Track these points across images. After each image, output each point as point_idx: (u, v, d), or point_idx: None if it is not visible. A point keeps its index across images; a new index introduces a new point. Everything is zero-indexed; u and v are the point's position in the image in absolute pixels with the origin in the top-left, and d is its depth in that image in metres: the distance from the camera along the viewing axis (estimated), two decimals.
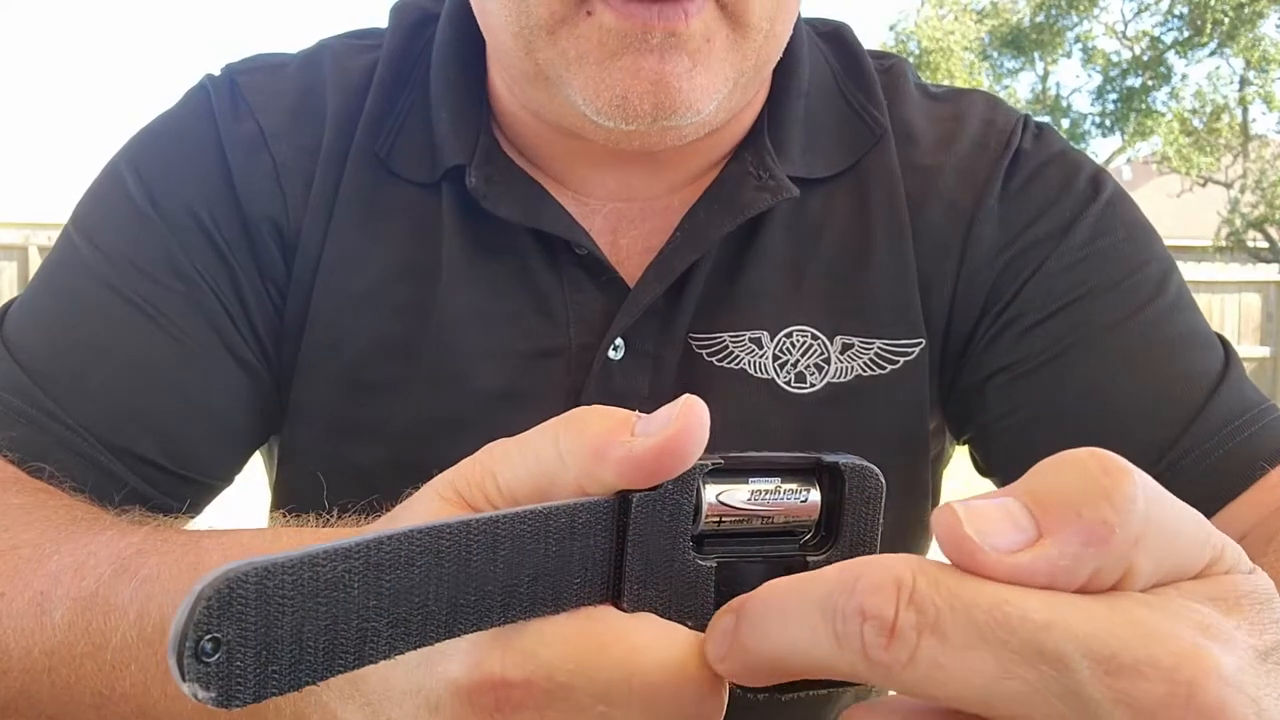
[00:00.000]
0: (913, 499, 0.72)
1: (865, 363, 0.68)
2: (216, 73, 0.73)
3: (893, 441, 0.69)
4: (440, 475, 0.35)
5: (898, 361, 0.68)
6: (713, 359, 0.68)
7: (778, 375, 0.68)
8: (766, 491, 0.35)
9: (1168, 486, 0.72)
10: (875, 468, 0.36)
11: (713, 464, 0.34)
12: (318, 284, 0.68)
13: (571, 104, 0.61)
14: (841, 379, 0.68)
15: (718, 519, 0.34)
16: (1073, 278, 0.67)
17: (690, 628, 0.34)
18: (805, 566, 0.35)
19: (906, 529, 0.72)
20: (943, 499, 0.77)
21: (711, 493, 0.34)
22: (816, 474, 0.36)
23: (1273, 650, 0.25)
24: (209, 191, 0.67)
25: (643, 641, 0.32)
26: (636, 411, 0.33)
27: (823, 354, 0.68)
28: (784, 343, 0.68)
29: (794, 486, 0.35)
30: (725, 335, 0.68)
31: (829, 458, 0.35)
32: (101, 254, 0.66)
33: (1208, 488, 0.63)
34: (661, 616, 0.34)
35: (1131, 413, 0.65)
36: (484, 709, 0.33)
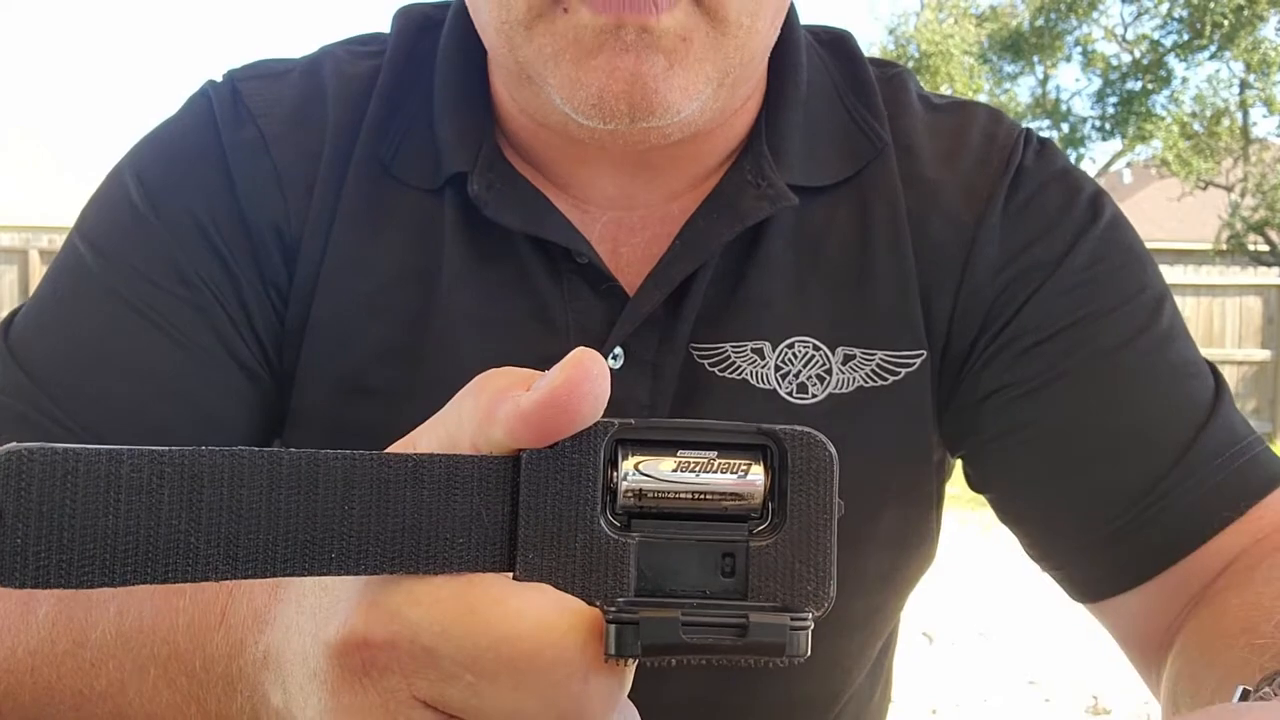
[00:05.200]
0: (916, 508, 0.72)
1: (867, 374, 0.68)
2: (218, 79, 0.73)
3: (895, 452, 0.69)
4: None
5: (899, 373, 0.69)
6: (714, 369, 0.68)
7: (780, 386, 0.68)
8: (697, 464, 0.32)
9: (1157, 517, 0.73)
10: (824, 437, 0.32)
11: (620, 424, 0.31)
12: (319, 289, 0.68)
13: (552, 102, 0.61)
14: (843, 390, 0.68)
15: (637, 491, 0.32)
16: (1070, 302, 0.68)
17: (599, 608, 0.31)
18: (748, 554, 0.32)
19: (909, 537, 0.72)
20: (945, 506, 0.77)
21: (630, 462, 0.32)
22: (764, 450, 0.32)
23: None
24: (211, 197, 0.68)
25: (518, 607, 0.30)
26: (543, 372, 0.31)
27: (824, 365, 0.68)
28: (786, 353, 0.68)
29: (733, 461, 0.32)
30: (727, 345, 0.68)
31: (768, 426, 0.32)
32: (105, 260, 0.67)
33: (1196, 520, 0.65)
34: (563, 591, 0.31)
35: (1124, 441, 0.67)
36: (351, 671, 0.32)
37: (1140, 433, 0.67)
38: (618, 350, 0.67)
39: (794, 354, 0.68)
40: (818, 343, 0.68)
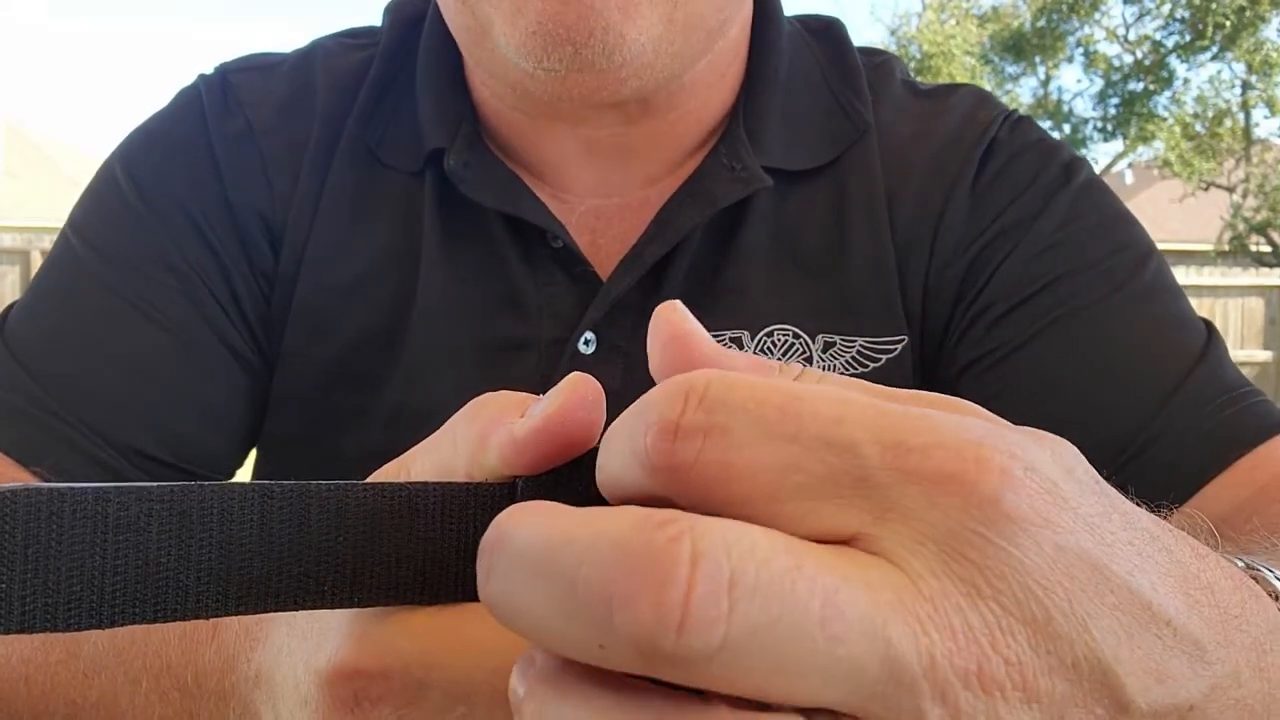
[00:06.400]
0: None
1: (848, 361, 0.67)
2: (210, 71, 0.74)
3: None
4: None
5: (880, 359, 0.68)
6: None
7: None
8: None
9: (1140, 469, 0.67)
10: None
11: None
12: (302, 275, 0.69)
13: (501, 51, 0.60)
14: None
15: None
16: (1044, 264, 0.66)
17: None
18: None
19: None
20: None
21: None
22: None
23: (1073, 469, 0.25)
24: (199, 187, 0.68)
25: (513, 639, 0.28)
26: (537, 396, 0.30)
27: (804, 353, 0.67)
28: (765, 342, 0.67)
29: None
30: None
31: None
32: (96, 252, 0.67)
33: (1181, 472, 0.61)
34: None
35: (1103, 394, 0.63)
36: (342, 701, 0.31)
37: (1120, 384, 0.63)
38: (589, 335, 0.67)
39: (773, 342, 0.67)
40: (798, 330, 0.67)
